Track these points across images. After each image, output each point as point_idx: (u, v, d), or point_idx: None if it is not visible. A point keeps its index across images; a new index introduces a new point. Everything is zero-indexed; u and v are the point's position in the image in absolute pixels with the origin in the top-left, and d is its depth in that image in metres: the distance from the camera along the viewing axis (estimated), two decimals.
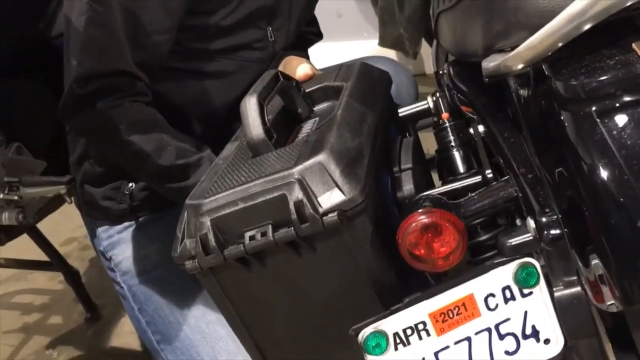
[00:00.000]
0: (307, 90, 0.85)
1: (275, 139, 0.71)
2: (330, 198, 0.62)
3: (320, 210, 0.61)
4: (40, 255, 1.65)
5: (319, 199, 0.61)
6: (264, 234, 0.62)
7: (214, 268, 0.64)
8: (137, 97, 0.94)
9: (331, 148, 0.64)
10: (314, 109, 0.85)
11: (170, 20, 0.94)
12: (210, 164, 0.90)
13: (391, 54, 2.30)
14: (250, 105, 0.70)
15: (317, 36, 1.25)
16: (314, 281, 0.65)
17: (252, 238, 0.62)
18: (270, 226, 0.62)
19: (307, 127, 0.79)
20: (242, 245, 0.62)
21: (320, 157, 0.63)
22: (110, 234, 1.08)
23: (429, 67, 2.38)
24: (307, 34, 1.22)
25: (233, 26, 1.00)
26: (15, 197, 1.24)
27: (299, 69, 1.00)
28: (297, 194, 0.61)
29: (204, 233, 0.63)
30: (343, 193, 0.62)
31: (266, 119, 0.70)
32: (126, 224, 1.07)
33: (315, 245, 0.63)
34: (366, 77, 0.90)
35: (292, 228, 0.61)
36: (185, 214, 0.66)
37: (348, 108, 0.75)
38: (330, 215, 0.61)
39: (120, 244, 1.07)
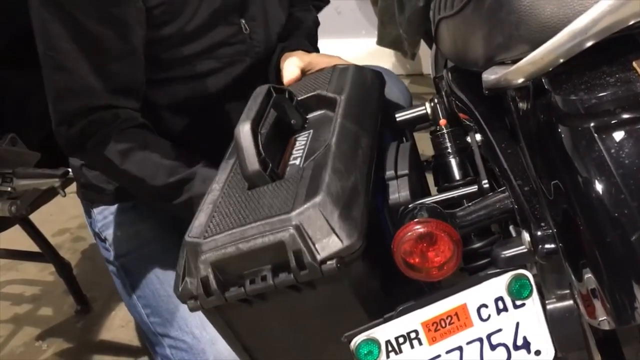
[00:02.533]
0: (300, 99, 0.85)
1: (271, 168, 0.71)
2: (328, 245, 0.62)
3: (319, 257, 0.62)
4: (31, 245, 1.64)
5: (317, 246, 0.62)
6: (263, 278, 0.63)
7: (217, 306, 0.66)
8: (124, 124, 0.95)
9: (327, 190, 0.65)
10: (308, 117, 0.85)
11: (131, 43, 0.94)
12: (202, 179, 0.91)
13: (389, 52, 2.30)
14: (245, 135, 0.70)
15: (315, 21, 1.21)
16: (314, 313, 0.66)
17: (252, 282, 0.63)
18: (270, 271, 0.63)
19: (302, 140, 0.80)
20: (242, 288, 0.64)
21: (317, 200, 0.64)
22: (105, 215, 1.11)
23: (427, 67, 2.38)
24: (301, 18, 1.18)
25: (200, 29, 0.99)
26: (9, 189, 1.23)
27: (286, 70, 1.00)
28: (295, 240, 0.62)
29: (204, 275, 0.64)
30: (341, 240, 0.62)
31: (260, 148, 0.70)
32: (121, 204, 1.10)
33: (314, 286, 0.64)
34: (360, 85, 0.90)
35: (292, 274, 0.62)
36: (185, 252, 0.67)
37: (342, 132, 0.75)
38: (328, 262, 0.62)
39: (115, 223, 1.10)
